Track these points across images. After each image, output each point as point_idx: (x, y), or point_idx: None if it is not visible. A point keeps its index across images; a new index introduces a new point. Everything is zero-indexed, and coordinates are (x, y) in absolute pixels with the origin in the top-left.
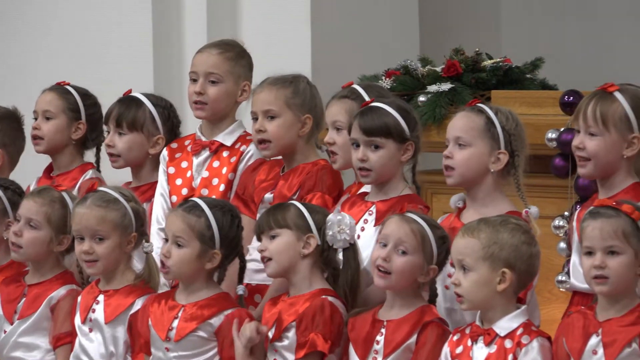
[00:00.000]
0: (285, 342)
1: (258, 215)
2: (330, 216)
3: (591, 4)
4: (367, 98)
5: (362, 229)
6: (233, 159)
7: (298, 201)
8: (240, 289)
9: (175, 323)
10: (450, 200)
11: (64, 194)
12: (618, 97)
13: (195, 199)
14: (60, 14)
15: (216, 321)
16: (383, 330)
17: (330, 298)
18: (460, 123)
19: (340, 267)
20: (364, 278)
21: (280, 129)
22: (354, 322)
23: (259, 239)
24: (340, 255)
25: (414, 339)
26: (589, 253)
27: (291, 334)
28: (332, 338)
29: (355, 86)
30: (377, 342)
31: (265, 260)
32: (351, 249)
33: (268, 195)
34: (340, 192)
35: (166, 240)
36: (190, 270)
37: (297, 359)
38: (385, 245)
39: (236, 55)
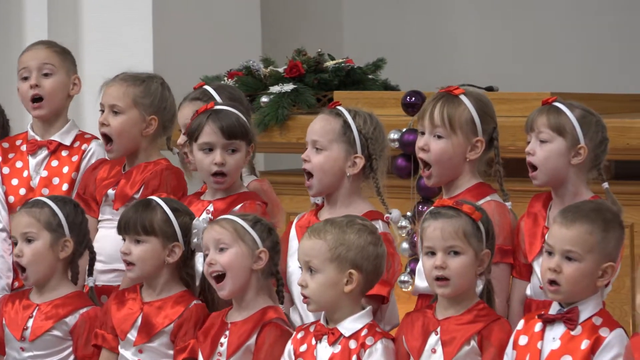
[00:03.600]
0: (155, 345)
1: (102, 214)
2: (196, 223)
3: (433, 4)
4: (218, 99)
5: None
6: (75, 158)
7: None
8: (91, 281)
9: (30, 322)
10: (311, 197)
11: None
12: (464, 100)
13: (35, 198)
14: None
15: (71, 320)
16: (227, 333)
17: (200, 302)
18: (318, 126)
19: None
20: None
21: (123, 125)
22: (209, 319)
23: (122, 236)
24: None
25: (253, 339)
26: (430, 253)
27: (164, 338)
28: None
29: (207, 87)
30: (221, 344)
31: (127, 263)
32: None
33: (111, 192)
34: (185, 193)
35: (16, 243)
36: (46, 263)
37: None
38: (208, 249)
39: (63, 50)
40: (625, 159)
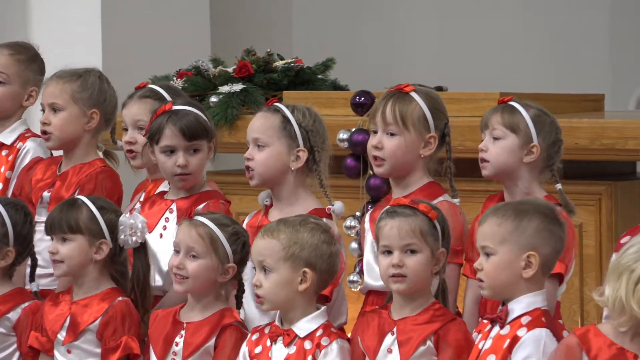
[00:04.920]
0: (81, 343)
1: (38, 216)
2: (123, 219)
3: (382, 5)
4: (168, 98)
5: (164, 228)
6: (10, 157)
7: None
8: (34, 286)
9: None
10: (258, 198)
11: None
12: (415, 97)
13: None
14: None
15: (14, 315)
16: (183, 332)
17: (127, 298)
18: (257, 124)
19: (129, 265)
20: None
21: (64, 122)
22: (155, 318)
23: (49, 236)
24: None
25: (212, 342)
26: (387, 252)
27: (90, 335)
28: (139, 339)
29: (154, 86)
30: (177, 344)
31: (55, 261)
32: (141, 249)
33: (46, 194)
34: (120, 195)
35: None
36: None
37: None
38: (178, 252)
39: (28, 59)
40: (573, 159)
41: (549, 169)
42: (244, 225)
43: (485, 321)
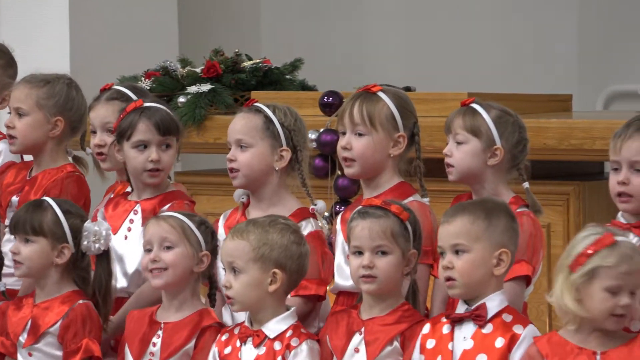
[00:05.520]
0: (42, 346)
1: (8, 219)
2: (87, 225)
3: (350, 5)
4: (135, 99)
5: (129, 229)
6: None
7: None
8: (2, 285)
9: None
10: (234, 195)
11: None
12: (382, 97)
13: None
14: None
15: None
16: (160, 333)
17: (88, 301)
18: (239, 125)
19: (91, 271)
20: None
21: (27, 127)
22: (131, 319)
23: (13, 235)
24: None
25: (192, 343)
26: (358, 253)
27: (51, 338)
28: (100, 342)
29: (120, 88)
30: (154, 344)
31: (16, 262)
32: (104, 256)
33: (14, 199)
34: (87, 200)
35: None
36: None
37: None
38: (150, 251)
39: (5, 64)
40: (541, 159)
41: (516, 169)
42: (222, 226)
43: (443, 319)
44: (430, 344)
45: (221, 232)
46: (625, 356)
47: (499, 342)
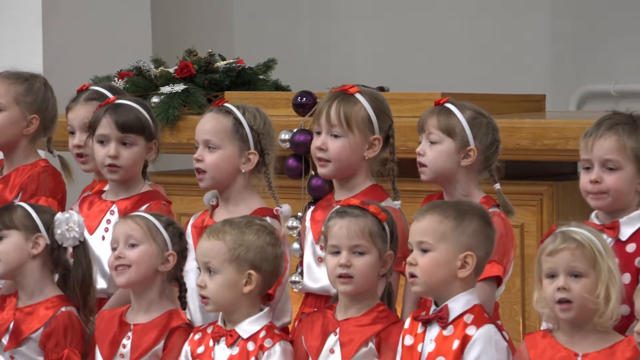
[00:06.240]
0: (24, 350)
1: None
2: (58, 215)
3: (323, 5)
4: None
5: (106, 230)
6: None
7: None
8: None
9: None
10: (204, 199)
11: None
12: (360, 98)
13: None
14: None
15: None
16: (130, 334)
17: (71, 308)
18: (209, 126)
19: (71, 266)
20: None
21: (4, 122)
22: (102, 319)
23: None
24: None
25: (161, 344)
26: (335, 252)
27: (33, 343)
28: (81, 352)
29: (98, 88)
30: (124, 346)
31: None
32: (81, 247)
33: None
34: (64, 194)
35: None
36: None
37: None
38: (115, 249)
39: None
40: (515, 159)
41: (488, 170)
42: (189, 226)
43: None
44: (409, 340)
45: (188, 232)
46: (604, 359)
47: (455, 344)
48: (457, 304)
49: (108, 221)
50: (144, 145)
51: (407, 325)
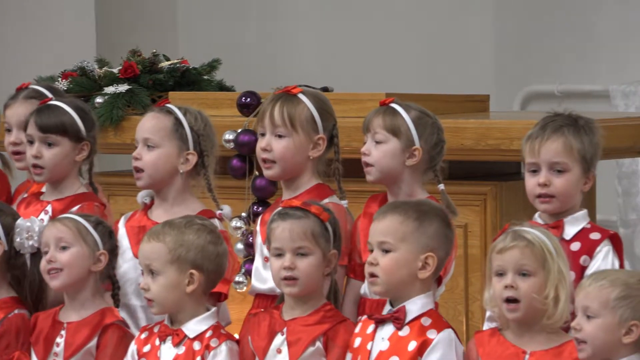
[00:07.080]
0: None
1: None
2: (20, 222)
3: (269, 5)
4: (50, 96)
5: None
6: None
7: None
8: None
9: None
10: (138, 196)
11: None
12: (302, 98)
13: None
14: None
15: None
16: (63, 332)
17: (24, 311)
18: (149, 124)
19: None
20: None
21: None
22: (36, 320)
23: None
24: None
25: (94, 342)
26: (279, 255)
27: None
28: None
29: (37, 87)
30: (57, 344)
31: None
32: (38, 254)
33: None
34: (9, 195)
35: None
36: None
37: None
38: (47, 253)
39: None
40: (459, 159)
41: (432, 170)
42: (123, 225)
43: (364, 318)
44: (357, 342)
45: (122, 233)
46: (551, 358)
47: (412, 346)
48: (415, 306)
49: (42, 220)
50: (69, 146)
51: (357, 329)
